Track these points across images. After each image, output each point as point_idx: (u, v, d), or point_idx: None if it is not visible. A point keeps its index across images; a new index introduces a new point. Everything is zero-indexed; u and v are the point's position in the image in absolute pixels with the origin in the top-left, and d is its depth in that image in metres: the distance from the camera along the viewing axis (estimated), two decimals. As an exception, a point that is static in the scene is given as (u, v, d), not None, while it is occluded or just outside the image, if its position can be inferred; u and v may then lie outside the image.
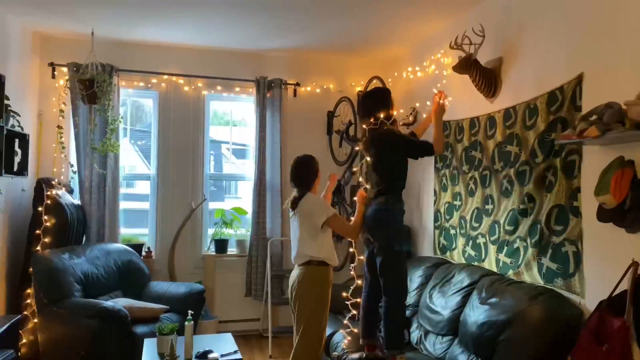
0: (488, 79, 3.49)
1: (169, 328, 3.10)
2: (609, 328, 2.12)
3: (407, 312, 3.71)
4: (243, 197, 5.54)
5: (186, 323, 3.06)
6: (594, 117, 2.36)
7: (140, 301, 4.07)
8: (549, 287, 2.87)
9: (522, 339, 2.57)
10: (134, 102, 5.37)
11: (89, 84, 4.11)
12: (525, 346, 2.53)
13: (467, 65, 3.45)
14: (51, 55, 4.72)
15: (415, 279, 3.93)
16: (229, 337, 3.48)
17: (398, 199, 3.19)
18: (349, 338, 3.45)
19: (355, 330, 3.41)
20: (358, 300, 3.41)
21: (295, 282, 3.15)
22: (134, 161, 5.47)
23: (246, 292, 5.09)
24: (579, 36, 2.78)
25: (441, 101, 3.38)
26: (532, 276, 3.05)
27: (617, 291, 2.19)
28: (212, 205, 5.35)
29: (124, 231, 5.03)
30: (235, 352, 3.15)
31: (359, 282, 3.46)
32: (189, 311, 3.19)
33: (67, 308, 3.61)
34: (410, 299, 3.86)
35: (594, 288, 2.60)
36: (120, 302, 3.82)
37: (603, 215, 2.45)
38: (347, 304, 3.47)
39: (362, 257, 3.38)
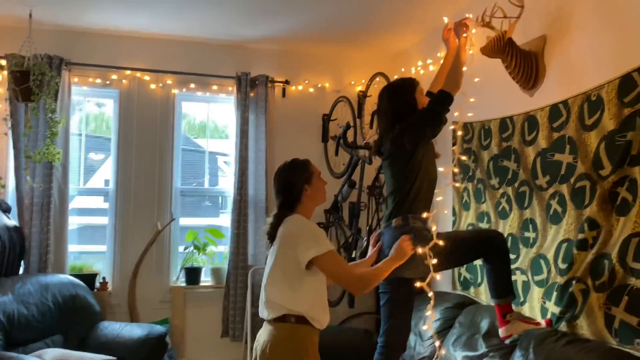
0: (527, 65, 2.68)
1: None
2: None
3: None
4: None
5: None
6: None
7: (78, 352, 3.19)
8: (627, 349, 2.02)
9: None
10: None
11: (20, 76, 3.30)
12: None
13: (499, 46, 2.62)
14: (-13, 46, 3.92)
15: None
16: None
17: (417, 217, 2.34)
18: None
19: None
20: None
21: (259, 350, 2.07)
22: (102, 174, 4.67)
23: (223, 331, 4.22)
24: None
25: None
26: (596, 331, 2.20)
27: None
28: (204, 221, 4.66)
29: (77, 248, 4.26)
30: None
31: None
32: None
33: (-27, 365, 2.76)
34: (426, 349, 3.02)
35: None
36: (48, 355, 2.96)
37: None
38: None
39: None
